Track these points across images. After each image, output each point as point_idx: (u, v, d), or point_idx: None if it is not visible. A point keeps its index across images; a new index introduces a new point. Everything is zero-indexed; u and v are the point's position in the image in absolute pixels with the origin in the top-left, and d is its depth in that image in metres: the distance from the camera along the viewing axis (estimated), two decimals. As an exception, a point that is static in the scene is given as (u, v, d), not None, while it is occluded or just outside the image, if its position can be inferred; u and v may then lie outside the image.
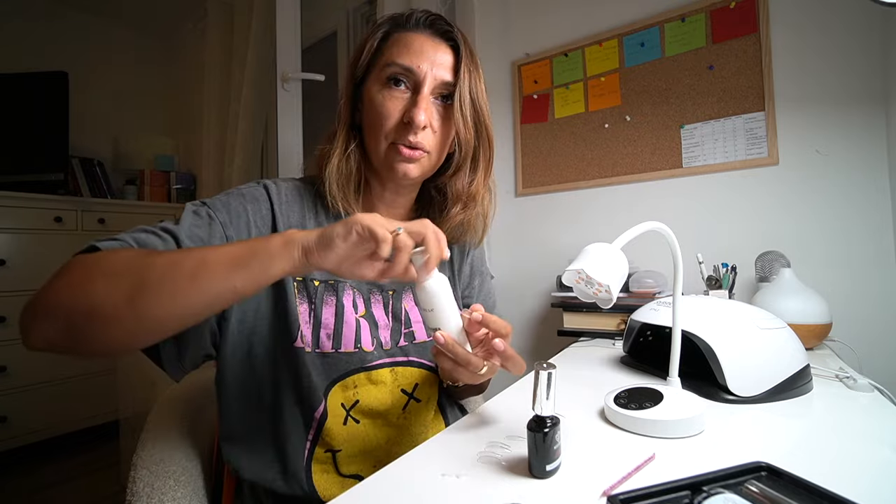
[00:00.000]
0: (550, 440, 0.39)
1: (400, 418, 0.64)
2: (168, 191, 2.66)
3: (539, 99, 1.53)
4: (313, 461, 0.58)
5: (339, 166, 0.62)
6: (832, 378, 0.67)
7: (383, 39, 0.63)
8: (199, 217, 0.54)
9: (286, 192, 0.62)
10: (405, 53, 0.60)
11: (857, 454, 0.43)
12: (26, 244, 2.02)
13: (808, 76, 1.09)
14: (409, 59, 0.59)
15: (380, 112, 0.60)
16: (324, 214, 0.64)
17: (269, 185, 0.62)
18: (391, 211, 0.70)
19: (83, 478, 1.87)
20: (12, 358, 1.94)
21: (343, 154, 0.63)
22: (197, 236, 0.52)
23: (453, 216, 0.68)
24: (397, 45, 0.61)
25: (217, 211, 0.56)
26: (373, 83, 0.62)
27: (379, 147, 0.61)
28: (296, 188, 0.64)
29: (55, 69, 2.20)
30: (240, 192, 0.60)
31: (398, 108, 0.60)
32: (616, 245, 0.49)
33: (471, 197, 0.68)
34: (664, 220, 0.52)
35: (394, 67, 0.60)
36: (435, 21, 0.63)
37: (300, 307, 0.59)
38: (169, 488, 0.56)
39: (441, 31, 0.63)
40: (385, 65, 0.60)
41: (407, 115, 0.59)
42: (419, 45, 0.60)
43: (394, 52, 0.60)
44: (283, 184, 0.63)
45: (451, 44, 0.63)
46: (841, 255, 1.05)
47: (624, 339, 0.83)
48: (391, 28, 0.63)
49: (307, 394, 0.58)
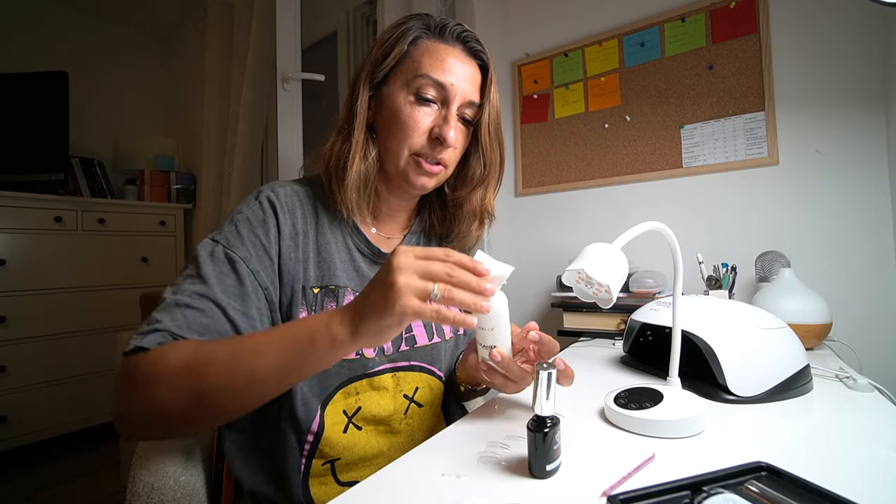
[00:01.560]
0: (550, 440, 0.39)
1: (402, 423, 0.64)
2: (168, 191, 2.66)
3: (539, 99, 1.53)
4: (311, 476, 0.58)
5: (360, 172, 0.61)
6: (832, 378, 0.67)
7: (412, 43, 0.61)
8: (219, 262, 0.53)
9: (286, 200, 0.60)
10: (438, 68, 0.59)
11: (857, 454, 0.43)
12: (26, 244, 2.02)
13: (809, 76, 1.08)
14: (442, 75, 0.59)
15: (407, 123, 0.59)
16: (325, 216, 0.63)
17: (269, 196, 0.60)
18: (394, 214, 0.70)
19: (83, 478, 1.87)
20: (12, 358, 1.94)
21: (363, 159, 0.61)
22: (231, 291, 0.52)
23: (472, 232, 0.70)
24: (429, 57, 0.59)
25: (234, 248, 0.54)
26: (398, 90, 0.60)
27: (399, 156, 0.60)
28: (294, 193, 0.62)
29: (55, 69, 2.20)
30: (245, 218, 0.57)
31: (426, 121, 0.59)
32: (616, 245, 0.49)
33: (486, 211, 0.70)
34: (664, 220, 0.52)
35: (426, 80, 0.59)
36: (468, 37, 0.62)
37: (302, 314, 0.58)
38: (169, 488, 0.56)
39: (472, 51, 0.62)
40: (416, 75, 0.59)
41: (436, 130, 0.59)
42: (452, 60, 0.60)
43: (425, 64, 0.59)
44: (280, 190, 0.61)
45: (479, 62, 0.63)
46: (841, 255, 1.05)
47: (624, 339, 0.83)
48: (421, 34, 0.61)
49: (301, 408, 0.57)
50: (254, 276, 0.54)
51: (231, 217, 0.58)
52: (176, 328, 0.47)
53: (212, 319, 0.50)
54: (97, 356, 2.18)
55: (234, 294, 0.52)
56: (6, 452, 1.91)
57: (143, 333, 0.47)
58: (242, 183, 1.98)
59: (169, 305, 0.49)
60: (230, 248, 0.54)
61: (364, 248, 0.65)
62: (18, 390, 1.96)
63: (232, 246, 0.54)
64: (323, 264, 0.61)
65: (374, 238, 0.67)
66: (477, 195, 0.68)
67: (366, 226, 0.67)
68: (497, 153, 0.66)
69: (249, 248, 0.55)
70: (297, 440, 0.57)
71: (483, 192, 0.69)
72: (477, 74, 0.63)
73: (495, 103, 0.64)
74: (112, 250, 2.30)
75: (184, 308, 0.49)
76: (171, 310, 0.49)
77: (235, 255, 0.54)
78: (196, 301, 0.50)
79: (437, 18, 0.62)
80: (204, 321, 0.49)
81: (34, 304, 2.02)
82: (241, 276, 0.53)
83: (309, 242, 0.61)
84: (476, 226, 0.70)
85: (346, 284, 0.62)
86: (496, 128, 0.65)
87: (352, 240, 0.65)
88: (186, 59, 2.85)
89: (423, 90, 0.59)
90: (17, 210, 1.99)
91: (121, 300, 2.30)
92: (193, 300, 0.50)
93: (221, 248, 0.54)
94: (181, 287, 0.51)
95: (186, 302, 0.49)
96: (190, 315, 0.48)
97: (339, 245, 0.64)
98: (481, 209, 0.69)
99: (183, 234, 2.64)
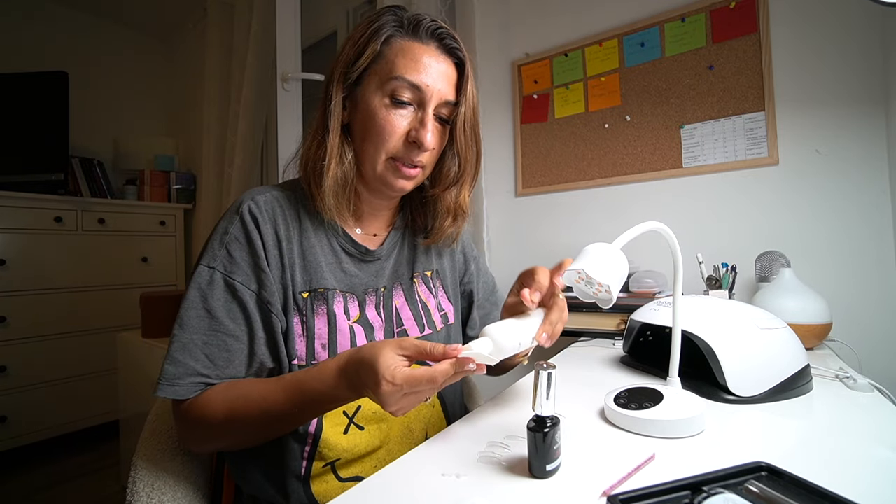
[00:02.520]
0: (550, 440, 0.39)
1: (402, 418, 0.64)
2: (168, 191, 2.66)
3: (539, 99, 1.53)
4: (311, 479, 0.58)
5: (336, 176, 0.59)
6: (832, 378, 0.67)
7: (385, 42, 0.59)
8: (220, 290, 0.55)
9: (266, 209, 0.59)
10: (413, 69, 0.57)
11: (857, 454, 0.43)
12: (26, 244, 2.02)
13: (808, 76, 1.08)
14: (417, 76, 0.57)
15: (383, 127, 0.58)
16: (308, 220, 0.62)
17: (250, 208, 0.58)
18: (376, 214, 0.69)
19: (83, 478, 1.87)
20: (12, 358, 1.94)
21: (339, 163, 0.60)
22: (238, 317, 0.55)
23: (445, 228, 0.69)
24: (404, 57, 0.58)
25: (233, 274, 0.55)
26: (372, 92, 0.59)
27: (376, 160, 0.59)
28: (274, 199, 0.61)
29: (55, 69, 2.20)
30: (234, 239, 0.57)
31: (402, 124, 0.58)
32: (616, 245, 0.49)
33: (460, 209, 0.69)
34: (664, 220, 0.52)
35: (401, 82, 0.57)
36: (443, 34, 0.60)
37: (294, 319, 0.58)
38: (169, 488, 0.56)
39: (448, 48, 0.61)
40: (390, 77, 0.57)
41: (413, 134, 0.58)
42: (427, 59, 0.58)
43: (400, 65, 0.57)
44: (260, 198, 0.60)
45: (456, 60, 0.62)
46: (841, 255, 1.05)
47: (624, 339, 0.83)
48: (395, 32, 0.59)
49: None
50: (256, 296, 0.55)
51: (220, 238, 0.57)
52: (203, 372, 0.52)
53: (230, 353, 0.54)
54: (97, 356, 2.19)
55: (241, 320, 0.54)
56: (6, 452, 1.91)
57: (173, 379, 0.51)
58: (242, 183, 1.98)
59: (186, 344, 0.52)
60: (229, 274, 0.55)
61: (351, 249, 0.65)
62: (18, 390, 1.96)
63: (230, 272, 0.55)
64: (309, 268, 0.60)
65: (360, 238, 0.67)
66: (451, 193, 0.67)
67: (349, 227, 0.66)
68: (473, 152, 0.65)
69: (246, 270, 0.56)
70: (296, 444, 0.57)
71: (458, 190, 0.68)
72: (453, 72, 0.61)
73: (472, 101, 0.62)
74: (112, 250, 2.30)
75: (200, 346, 0.53)
76: (190, 349, 0.52)
77: (234, 281, 0.55)
78: (211, 337, 0.53)
79: (410, 14, 0.60)
80: (224, 356, 0.53)
81: (34, 304, 2.02)
82: (244, 300, 0.55)
83: (293, 248, 0.60)
84: (450, 222, 0.69)
85: (334, 287, 0.61)
86: (472, 126, 0.63)
87: (337, 241, 0.64)
88: (186, 60, 2.85)
89: (398, 93, 0.57)
90: (17, 210, 1.99)
91: (121, 300, 2.30)
92: (209, 337, 0.53)
93: (220, 276, 0.55)
94: (191, 323, 0.53)
95: (202, 339, 0.53)
96: (211, 354, 0.53)
97: (325, 247, 0.63)
98: (455, 206, 0.68)
99: (183, 234, 2.64)
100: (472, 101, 0.62)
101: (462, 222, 0.71)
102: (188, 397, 0.52)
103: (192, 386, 0.52)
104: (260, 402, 0.51)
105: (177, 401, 0.53)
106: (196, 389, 0.52)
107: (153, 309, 1.67)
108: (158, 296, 1.71)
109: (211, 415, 0.51)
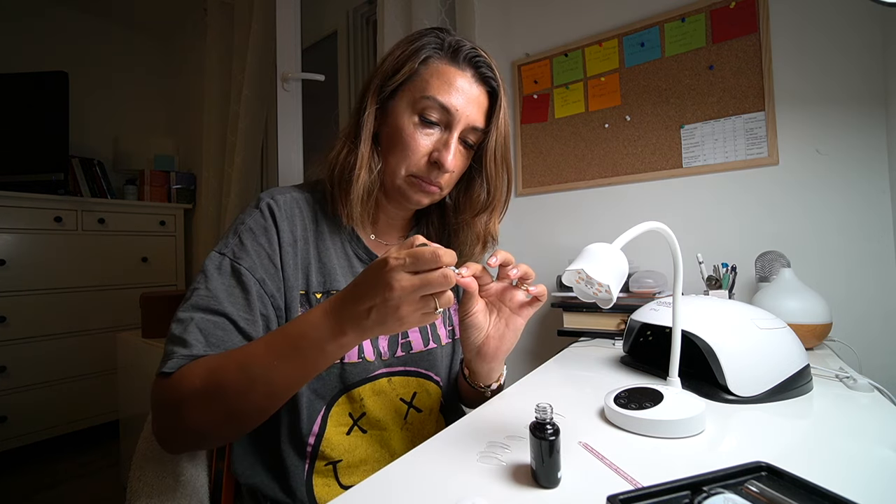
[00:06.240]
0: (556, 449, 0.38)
1: (403, 428, 0.64)
2: (168, 191, 2.66)
3: (539, 99, 1.53)
4: (314, 474, 0.58)
5: (364, 183, 0.61)
6: (832, 378, 0.67)
7: (423, 63, 0.60)
8: (226, 275, 0.55)
9: (285, 208, 0.61)
10: (445, 90, 0.58)
11: (857, 454, 0.43)
12: (26, 244, 2.02)
13: (808, 76, 1.08)
14: (447, 98, 0.58)
15: (408, 144, 0.59)
16: (325, 223, 0.64)
17: (269, 204, 0.60)
18: (392, 223, 0.70)
19: (83, 478, 1.87)
20: (12, 358, 1.94)
21: (369, 172, 0.61)
22: (239, 302, 0.54)
23: (475, 255, 0.70)
24: (438, 78, 0.59)
25: (240, 260, 0.56)
26: (403, 107, 0.60)
27: (397, 173, 0.61)
28: (293, 200, 0.63)
29: (55, 69, 2.20)
30: (248, 228, 0.58)
31: (427, 144, 0.59)
32: (616, 245, 0.49)
33: (490, 235, 0.70)
34: (664, 220, 0.52)
35: (431, 102, 0.58)
36: (480, 62, 0.61)
37: None
38: (169, 488, 0.56)
39: (483, 77, 0.61)
40: (422, 95, 0.59)
41: (435, 154, 0.59)
42: (460, 83, 0.59)
43: (433, 85, 0.58)
44: (280, 197, 0.62)
45: (489, 89, 0.62)
46: (841, 255, 1.05)
47: (624, 339, 0.83)
48: (433, 54, 0.60)
49: (304, 409, 0.58)
50: (260, 284, 0.56)
51: (235, 228, 0.59)
52: (194, 347, 0.49)
53: (225, 332, 0.52)
54: (97, 356, 2.19)
55: (242, 305, 0.54)
56: (6, 452, 1.92)
57: (165, 358, 0.49)
58: (242, 183, 1.98)
59: (184, 322, 0.52)
60: (236, 260, 0.56)
61: (363, 255, 0.67)
62: (18, 390, 1.96)
63: (238, 258, 0.56)
64: (324, 270, 0.62)
65: (373, 245, 0.69)
66: (482, 220, 0.68)
67: (364, 233, 0.68)
68: (503, 179, 0.66)
69: (254, 258, 0.56)
70: (299, 441, 0.58)
71: (488, 217, 0.69)
72: (485, 100, 0.62)
73: (503, 130, 0.63)
74: (112, 250, 2.30)
75: (197, 323, 0.51)
76: (186, 326, 0.51)
77: (241, 267, 0.55)
78: (209, 315, 0.52)
79: (453, 39, 0.61)
80: (219, 333, 0.52)
81: (34, 304, 2.02)
82: (248, 286, 0.55)
83: (309, 249, 0.62)
84: (479, 249, 0.70)
85: None
86: (503, 154, 0.64)
87: (350, 246, 0.66)
88: (186, 60, 2.85)
89: (427, 112, 0.59)
90: (17, 210, 1.99)
91: (121, 300, 2.30)
92: (206, 315, 0.52)
93: (228, 261, 0.56)
94: (193, 301, 0.53)
95: (200, 316, 0.52)
96: (205, 329, 0.51)
97: (339, 251, 0.65)
98: (485, 233, 0.69)
99: (183, 234, 2.64)
100: (504, 130, 0.63)
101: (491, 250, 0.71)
102: (174, 370, 0.48)
103: (181, 358, 0.49)
104: (240, 359, 0.47)
105: (159, 381, 0.49)
106: (180, 363, 0.49)
107: (153, 309, 1.67)
108: (158, 296, 1.71)
109: (188, 385, 0.46)
